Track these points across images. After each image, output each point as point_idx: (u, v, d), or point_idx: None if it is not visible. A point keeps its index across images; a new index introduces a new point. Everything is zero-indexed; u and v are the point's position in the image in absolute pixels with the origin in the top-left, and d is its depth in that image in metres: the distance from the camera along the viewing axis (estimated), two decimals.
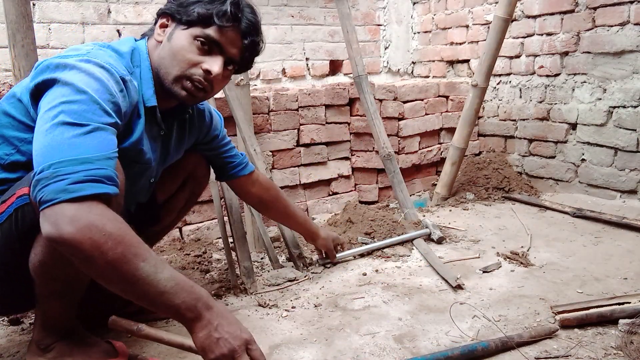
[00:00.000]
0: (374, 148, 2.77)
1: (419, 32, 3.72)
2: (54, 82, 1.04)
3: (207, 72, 1.21)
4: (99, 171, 0.96)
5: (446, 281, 1.77)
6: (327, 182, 2.83)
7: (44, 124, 0.99)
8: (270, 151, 2.58)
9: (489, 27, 2.84)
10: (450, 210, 2.67)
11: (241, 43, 1.25)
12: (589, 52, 2.61)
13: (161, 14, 1.26)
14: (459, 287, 1.73)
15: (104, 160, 0.98)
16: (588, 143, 2.67)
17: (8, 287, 1.19)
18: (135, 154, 1.23)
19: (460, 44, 3.39)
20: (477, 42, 3.26)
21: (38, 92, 1.06)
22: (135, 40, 1.28)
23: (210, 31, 1.20)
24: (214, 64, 1.21)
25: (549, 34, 2.80)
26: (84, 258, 0.93)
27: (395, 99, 2.81)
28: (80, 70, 1.05)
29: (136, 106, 1.19)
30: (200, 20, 1.19)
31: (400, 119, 2.83)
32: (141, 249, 0.96)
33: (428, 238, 2.17)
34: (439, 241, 2.12)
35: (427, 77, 3.65)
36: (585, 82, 2.66)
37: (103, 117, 1.02)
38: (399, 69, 3.79)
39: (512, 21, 2.90)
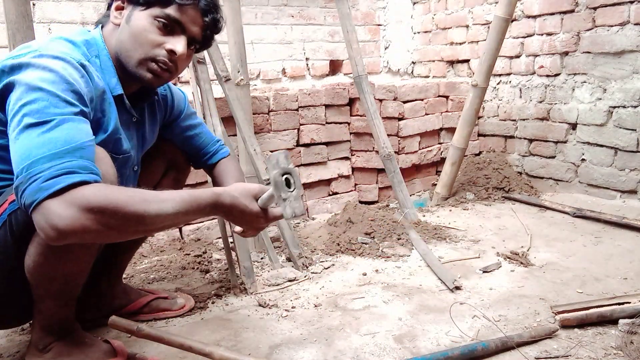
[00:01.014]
0: (374, 148, 2.77)
1: (419, 32, 3.72)
2: (12, 85, 1.02)
3: (171, 52, 1.19)
4: (69, 164, 0.95)
5: (444, 283, 1.77)
6: (327, 182, 2.83)
7: (12, 132, 0.98)
8: (270, 151, 2.58)
9: (489, 27, 2.84)
10: (450, 210, 2.67)
11: (202, 21, 1.22)
12: (589, 52, 2.61)
13: None
14: (458, 288, 1.73)
15: (74, 152, 0.96)
16: (588, 143, 2.67)
17: (6, 297, 1.19)
18: (114, 144, 1.21)
19: (460, 44, 3.39)
20: (477, 42, 3.25)
21: (2, 98, 1.04)
22: (89, 31, 1.23)
23: (171, 10, 1.17)
24: (178, 44, 1.19)
25: (549, 34, 2.80)
26: (93, 238, 0.96)
27: (395, 99, 2.81)
28: (35, 66, 1.02)
29: (104, 94, 1.17)
30: (158, 0, 1.16)
31: (400, 119, 2.83)
32: (136, 199, 0.97)
33: None
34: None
35: (427, 77, 3.65)
36: (585, 82, 2.66)
37: (66, 107, 1.00)
38: (399, 69, 3.79)
39: (512, 21, 2.90)
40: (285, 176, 1.08)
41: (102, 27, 1.24)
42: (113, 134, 1.19)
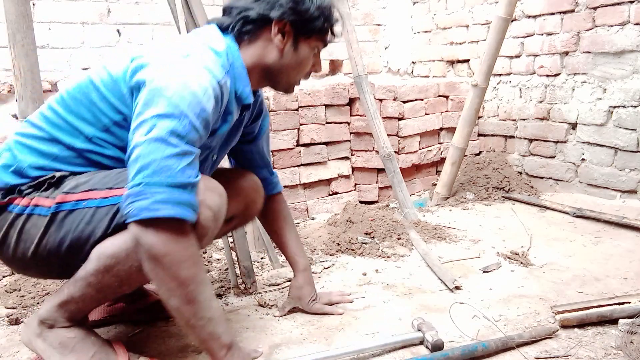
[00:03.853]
0: (374, 148, 2.77)
1: (419, 32, 3.72)
2: (152, 85, 1.10)
3: (315, 71, 1.41)
4: (182, 197, 1.05)
5: (444, 283, 1.77)
6: (327, 182, 2.83)
7: (139, 130, 1.07)
8: (270, 151, 2.57)
9: (489, 27, 2.84)
10: (450, 210, 2.67)
11: None
12: (589, 52, 2.62)
13: (276, 19, 1.27)
14: (458, 288, 1.73)
15: (190, 188, 1.07)
16: (588, 143, 2.67)
17: (64, 258, 1.19)
18: (213, 142, 1.30)
19: (460, 44, 3.38)
20: (477, 42, 3.26)
21: (137, 87, 1.13)
22: (223, 34, 1.30)
23: (326, 41, 1.36)
24: (320, 65, 1.41)
25: (549, 34, 2.80)
26: (157, 269, 1.06)
27: (395, 99, 2.81)
28: (179, 77, 1.10)
29: (227, 104, 1.25)
30: (320, 32, 1.32)
31: (400, 119, 2.83)
32: (205, 276, 1.11)
33: (420, 344, 1.39)
34: (435, 348, 1.32)
35: (427, 77, 3.65)
36: (585, 82, 2.66)
37: (192, 133, 1.08)
38: (399, 69, 3.79)
39: (512, 21, 2.90)
40: None
41: (235, 38, 1.30)
42: (219, 137, 1.31)
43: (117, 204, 1.11)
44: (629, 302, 1.43)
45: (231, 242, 1.92)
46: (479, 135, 3.29)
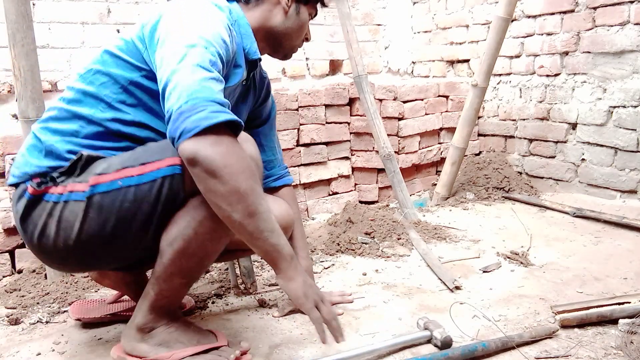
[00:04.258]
0: (374, 148, 2.77)
1: (419, 32, 3.72)
2: (173, 20, 1.14)
3: (307, 40, 1.49)
4: (229, 112, 1.06)
5: (444, 283, 1.77)
6: (327, 182, 2.83)
7: (169, 60, 1.08)
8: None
9: (489, 27, 2.84)
10: (450, 210, 2.67)
11: None
12: (589, 52, 2.61)
13: None
14: (458, 288, 1.73)
15: (226, 106, 1.07)
16: (588, 143, 2.67)
17: (115, 251, 1.21)
18: (228, 97, 1.32)
19: (460, 44, 3.38)
20: (477, 42, 3.25)
21: (154, 30, 1.17)
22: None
23: (317, 9, 1.47)
24: (310, 34, 1.50)
25: (549, 34, 2.80)
26: (218, 185, 1.02)
27: (395, 99, 2.81)
28: (197, 13, 1.16)
29: (235, 55, 1.27)
30: None
31: (400, 119, 2.83)
32: (261, 188, 1.10)
33: (427, 342, 1.39)
34: (444, 345, 1.33)
35: (427, 77, 3.65)
36: (585, 82, 2.66)
37: (218, 62, 1.12)
38: (399, 69, 3.79)
39: (512, 21, 2.90)
40: None
41: (237, 1, 1.37)
42: (230, 90, 1.32)
43: (156, 179, 1.13)
44: (629, 302, 1.43)
45: None
46: (479, 135, 3.29)
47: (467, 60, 3.36)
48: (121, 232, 1.16)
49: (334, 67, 3.50)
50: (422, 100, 2.95)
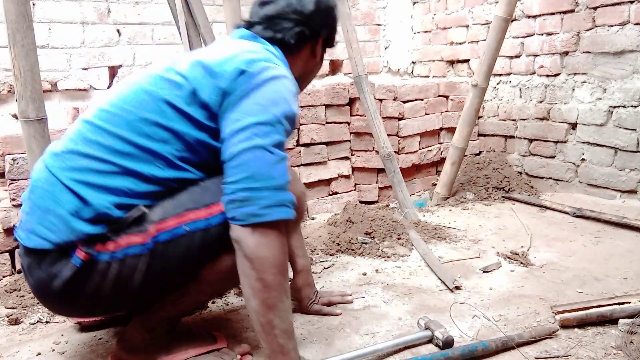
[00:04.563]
0: (374, 148, 2.77)
1: (419, 32, 3.72)
2: (248, 91, 1.11)
3: None
4: (286, 197, 1.10)
5: (444, 283, 1.77)
6: (327, 182, 2.83)
7: (238, 136, 1.08)
8: None
9: (489, 27, 2.84)
10: (450, 210, 2.67)
11: None
12: (589, 52, 2.61)
13: (317, 36, 1.35)
14: (458, 288, 1.73)
15: (287, 186, 1.11)
16: (588, 143, 2.67)
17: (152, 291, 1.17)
18: None
19: (460, 44, 3.38)
20: (477, 42, 3.25)
21: (229, 93, 1.12)
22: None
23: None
24: None
25: (549, 34, 2.80)
26: (248, 269, 1.07)
27: (395, 99, 2.81)
28: (274, 84, 1.14)
29: None
30: (331, 43, 1.42)
31: (400, 119, 2.83)
32: (288, 287, 1.13)
33: (429, 342, 1.40)
34: (446, 345, 1.34)
35: (427, 77, 3.65)
36: (585, 82, 2.66)
37: (285, 139, 1.14)
38: (399, 69, 3.79)
39: (512, 21, 2.90)
40: None
41: (281, 48, 1.30)
42: None
43: (224, 220, 1.11)
44: (629, 302, 1.43)
45: None
46: (479, 135, 3.29)
47: (467, 60, 3.36)
48: (176, 278, 1.15)
49: (334, 67, 3.50)
50: (422, 100, 2.95)
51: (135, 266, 1.07)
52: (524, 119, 3.01)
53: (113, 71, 2.82)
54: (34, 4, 2.46)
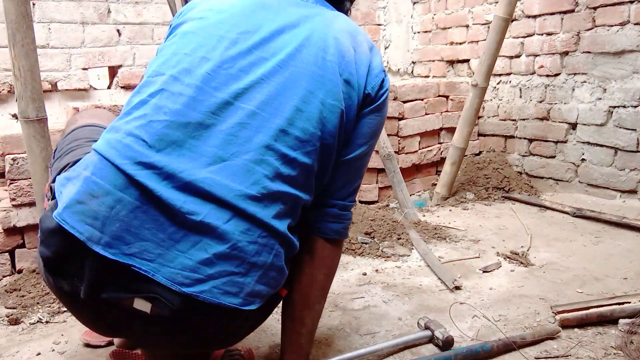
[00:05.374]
0: None
1: (419, 32, 3.72)
2: (382, 118, 1.17)
3: None
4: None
5: (444, 283, 1.77)
6: None
7: (362, 160, 1.13)
8: None
9: (489, 27, 2.84)
10: (450, 210, 2.67)
11: None
12: (589, 52, 2.61)
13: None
14: (458, 288, 1.73)
15: None
16: (588, 143, 2.67)
17: None
18: None
19: (460, 43, 3.39)
20: (477, 42, 3.25)
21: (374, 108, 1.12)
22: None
23: None
24: None
25: (549, 34, 2.80)
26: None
27: (395, 99, 2.81)
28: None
29: None
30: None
31: (400, 119, 2.83)
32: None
33: (429, 342, 1.39)
34: (445, 345, 1.33)
35: (427, 77, 3.65)
36: (585, 82, 2.66)
37: None
38: (399, 69, 3.80)
39: (512, 21, 2.90)
40: None
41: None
42: None
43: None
44: (629, 302, 1.44)
45: None
46: (479, 135, 3.29)
47: (467, 60, 3.36)
48: None
49: None
50: (422, 100, 2.95)
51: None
52: (524, 119, 3.01)
53: (113, 71, 2.82)
54: (34, 4, 2.46)
